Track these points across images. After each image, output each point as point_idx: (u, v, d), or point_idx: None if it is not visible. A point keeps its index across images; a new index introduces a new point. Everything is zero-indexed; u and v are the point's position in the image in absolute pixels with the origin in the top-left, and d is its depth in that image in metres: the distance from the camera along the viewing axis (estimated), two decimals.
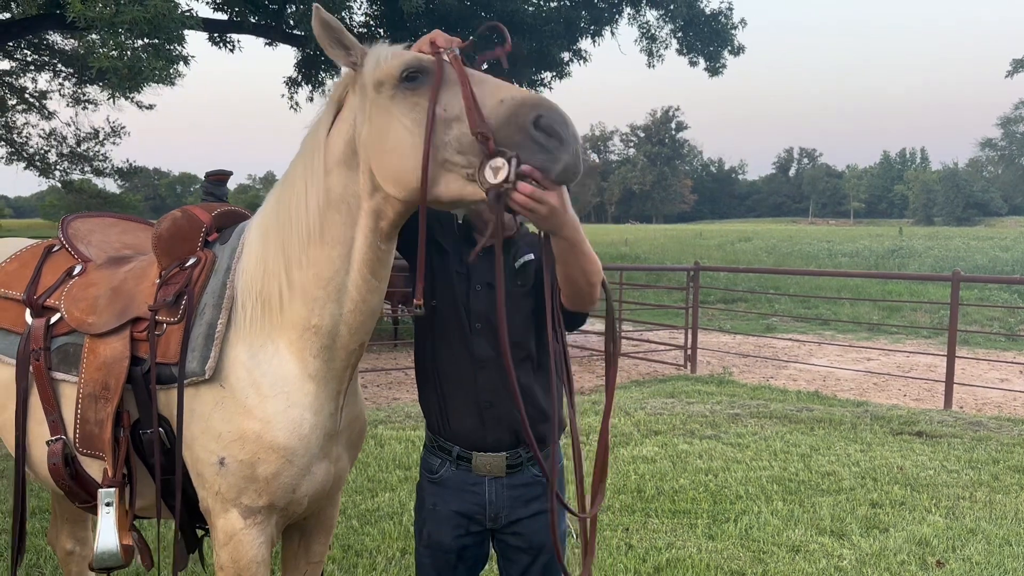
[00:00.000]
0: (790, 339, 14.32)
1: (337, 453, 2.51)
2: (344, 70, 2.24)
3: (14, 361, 2.63)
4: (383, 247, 2.25)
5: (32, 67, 21.26)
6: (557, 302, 2.29)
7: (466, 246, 2.44)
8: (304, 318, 2.29)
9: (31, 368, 2.58)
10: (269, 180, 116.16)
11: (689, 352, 12.30)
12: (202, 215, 2.58)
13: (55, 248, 2.87)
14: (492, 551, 2.66)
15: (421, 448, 2.70)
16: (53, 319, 2.62)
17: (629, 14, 16.52)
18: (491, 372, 2.42)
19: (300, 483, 2.38)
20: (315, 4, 2.13)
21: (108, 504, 2.44)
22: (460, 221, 2.55)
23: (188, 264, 2.48)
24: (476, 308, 2.42)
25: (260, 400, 2.31)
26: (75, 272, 2.72)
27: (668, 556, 4.72)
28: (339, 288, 2.27)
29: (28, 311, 2.69)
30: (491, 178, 1.93)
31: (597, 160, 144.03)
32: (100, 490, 2.45)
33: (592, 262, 2.21)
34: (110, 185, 27.28)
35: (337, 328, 2.31)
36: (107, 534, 2.45)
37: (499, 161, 1.92)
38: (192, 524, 2.62)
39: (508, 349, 2.11)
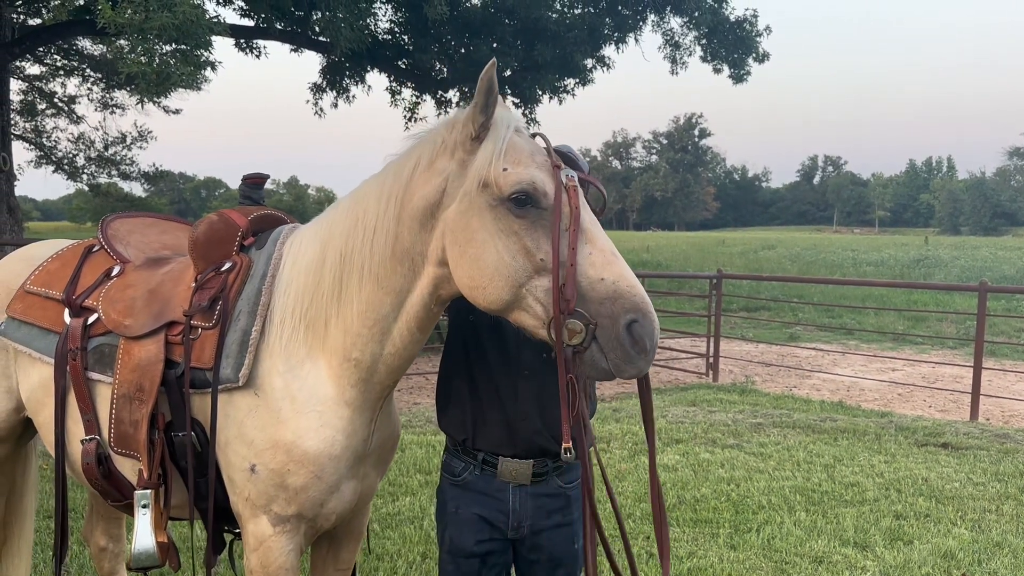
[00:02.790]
0: (814, 348, 14.20)
1: (365, 472, 2.52)
2: (441, 133, 2.16)
3: (53, 360, 2.66)
4: (435, 309, 2.27)
5: (61, 72, 21.53)
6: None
7: None
8: (345, 349, 2.30)
9: (68, 367, 2.60)
10: (293, 184, 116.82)
11: (711, 360, 12.24)
12: (239, 219, 2.59)
13: (95, 248, 2.90)
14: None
15: (442, 452, 2.69)
16: (91, 319, 2.65)
17: (653, 21, 16.46)
18: (533, 382, 2.41)
19: (328, 499, 2.40)
20: (494, 60, 2.06)
21: (144, 505, 2.46)
22: None
23: (224, 269, 2.49)
24: None
25: (294, 413, 2.32)
26: (113, 273, 2.75)
27: (690, 565, 4.70)
28: (384, 332, 2.28)
29: (67, 311, 2.71)
30: (566, 338, 1.95)
31: (619, 167, 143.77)
32: (136, 492, 2.47)
33: None
34: (136, 189, 27.57)
35: (376, 366, 2.33)
36: (143, 535, 2.47)
37: (578, 325, 1.93)
38: (219, 527, 2.64)
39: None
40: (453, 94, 16.81)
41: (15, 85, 20.17)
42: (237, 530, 2.62)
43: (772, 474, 6.56)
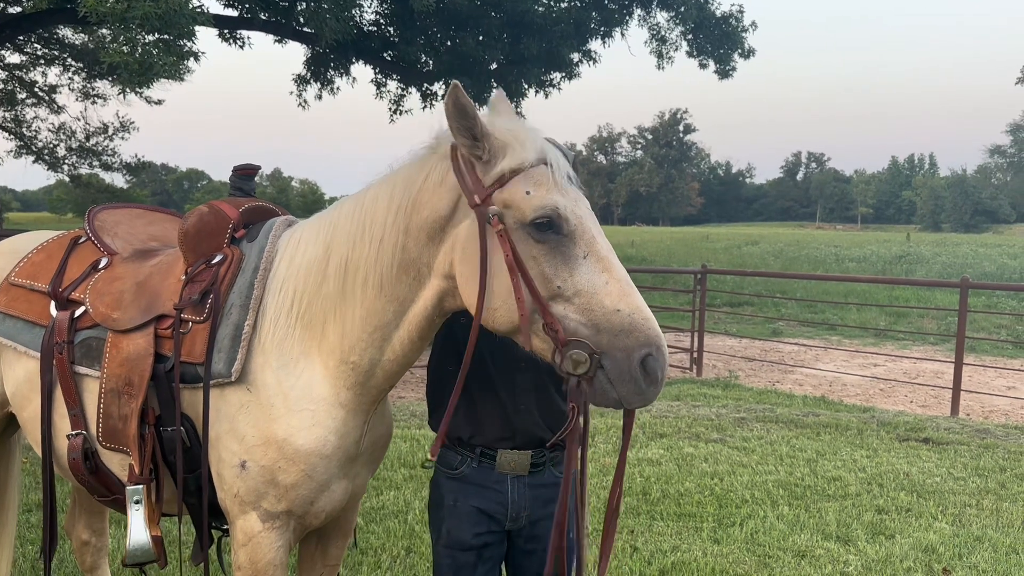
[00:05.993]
0: (797, 343, 14.26)
1: (356, 471, 2.49)
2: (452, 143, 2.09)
3: (39, 354, 2.61)
4: (437, 320, 2.25)
5: (42, 61, 21.29)
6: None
7: None
8: (343, 351, 2.27)
9: (54, 361, 2.56)
10: (277, 176, 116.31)
11: (695, 355, 12.28)
12: (229, 211, 2.55)
13: (81, 240, 2.84)
14: None
15: (427, 446, 2.67)
16: (77, 312, 2.60)
17: (639, 16, 16.51)
18: (530, 374, 2.41)
19: (318, 498, 2.37)
20: (455, 82, 1.96)
21: (137, 501, 2.43)
22: None
23: (214, 261, 2.44)
24: None
25: (287, 410, 2.29)
26: (101, 265, 2.69)
27: (673, 559, 4.72)
28: (384, 338, 2.25)
29: (53, 303, 2.66)
30: (570, 368, 1.94)
31: (604, 162, 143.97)
32: (128, 488, 2.43)
33: None
34: (118, 180, 27.34)
35: (374, 370, 2.30)
36: (137, 530, 2.44)
37: (582, 356, 1.91)
38: (208, 522, 2.61)
39: None
40: (439, 87, 16.75)
41: None
42: (225, 526, 2.60)
43: (755, 468, 6.59)
